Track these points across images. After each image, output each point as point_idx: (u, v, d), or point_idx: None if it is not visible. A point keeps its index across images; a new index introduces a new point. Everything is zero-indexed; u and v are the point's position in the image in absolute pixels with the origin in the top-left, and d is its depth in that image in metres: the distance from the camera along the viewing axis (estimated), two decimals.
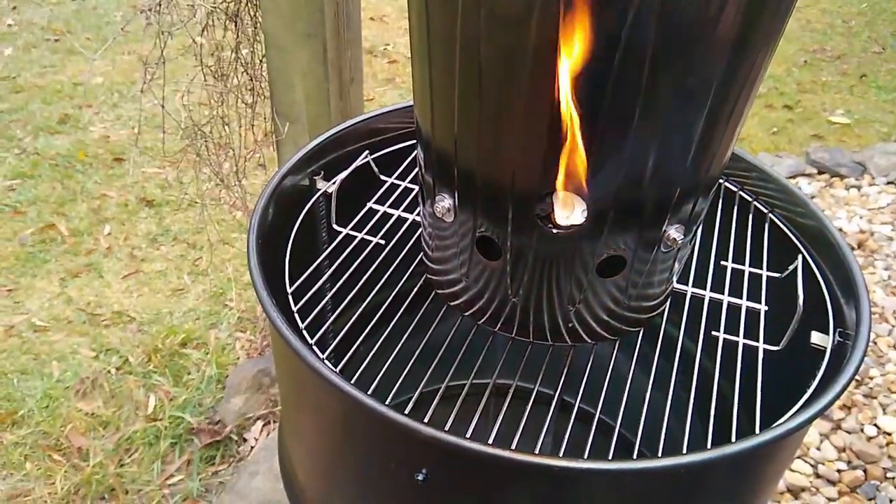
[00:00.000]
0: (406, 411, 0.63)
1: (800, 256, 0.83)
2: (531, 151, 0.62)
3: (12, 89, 2.90)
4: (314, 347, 0.70)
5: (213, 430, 1.64)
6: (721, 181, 1.01)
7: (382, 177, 0.99)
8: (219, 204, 1.74)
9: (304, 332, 0.73)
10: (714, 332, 0.78)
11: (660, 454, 0.72)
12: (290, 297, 0.76)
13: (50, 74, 3.01)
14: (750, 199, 0.98)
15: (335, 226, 0.90)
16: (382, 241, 0.89)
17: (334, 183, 0.91)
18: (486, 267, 0.72)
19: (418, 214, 0.83)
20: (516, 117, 0.61)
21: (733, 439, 0.66)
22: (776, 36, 0.60)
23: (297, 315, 0.74)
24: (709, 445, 0.69)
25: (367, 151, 0.97)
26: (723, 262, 0.87)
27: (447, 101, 0.64)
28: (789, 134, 2.88)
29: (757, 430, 0.67)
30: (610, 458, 0.66)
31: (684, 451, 0.67)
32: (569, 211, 0.65)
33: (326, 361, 0.66)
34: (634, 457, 0.68)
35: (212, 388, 1.75)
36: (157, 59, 1.26)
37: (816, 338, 0.78)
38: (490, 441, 0.62)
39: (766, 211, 0.96)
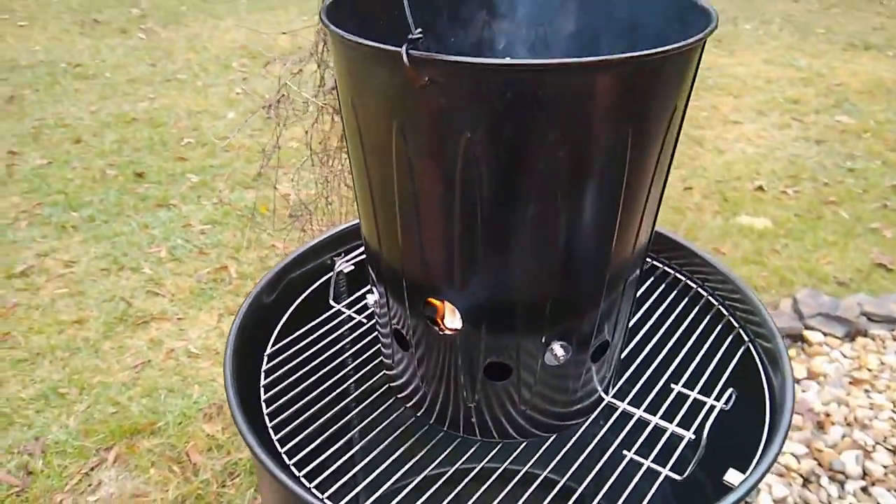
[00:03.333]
0: None
1: (730, 390, 0.82)
2: (410, 261, 0.72)
3: (225, 148, 3.42)
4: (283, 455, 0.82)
5: None
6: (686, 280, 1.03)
7: None
8: None
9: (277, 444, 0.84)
10: (625, 451, 0.80)
11: None
12: (267, 418, 0.88)
13: (257, 136, 3.51)
14: (717, 302, 1.00)
15: (335, 304, 1.04)
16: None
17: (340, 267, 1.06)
18: (403, 356, 0.82)
19: None
20: (396, 231, 0.71)
21: None
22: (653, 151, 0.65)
23: (271, 430, 0.86)
24: None
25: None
26: (672, 385, 0.88)
27: (368, 213, 0.77)
28: None
29: None
30: None
31: None
32: (450, 315, 0.73)
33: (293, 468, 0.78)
34: None
35: None
36: (274, 146, 1.50)
37: (731, 475, 0.77)
38: None
39: (737, 326, 0.96)
